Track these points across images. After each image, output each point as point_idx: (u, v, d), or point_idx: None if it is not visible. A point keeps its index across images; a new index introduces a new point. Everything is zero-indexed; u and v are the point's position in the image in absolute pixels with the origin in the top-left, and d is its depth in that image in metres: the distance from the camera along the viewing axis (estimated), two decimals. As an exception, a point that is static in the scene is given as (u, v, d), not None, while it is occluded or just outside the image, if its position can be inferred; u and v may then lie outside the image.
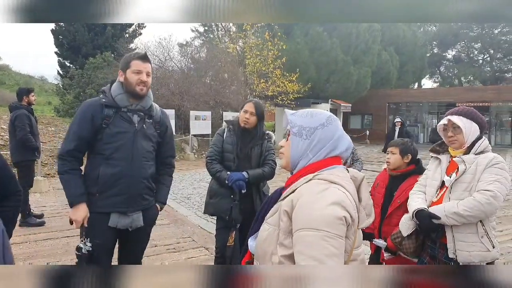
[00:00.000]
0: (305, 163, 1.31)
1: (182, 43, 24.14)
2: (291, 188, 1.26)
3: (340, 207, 1.13)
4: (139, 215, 2.40)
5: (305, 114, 1.36)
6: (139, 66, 2.31)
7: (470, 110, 2.32)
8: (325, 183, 1.20)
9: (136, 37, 23.00)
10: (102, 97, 2.35)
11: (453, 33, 38.31)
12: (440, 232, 2.26)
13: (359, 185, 1.30)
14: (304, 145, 1.31)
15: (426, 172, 2.52)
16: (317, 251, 1.08)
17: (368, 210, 1.29)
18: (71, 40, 20.68)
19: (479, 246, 2.17)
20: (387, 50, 25.73)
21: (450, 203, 2.20)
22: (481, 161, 2.20)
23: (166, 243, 4.75)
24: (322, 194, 1.16)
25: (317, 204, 1.14)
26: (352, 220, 1.16)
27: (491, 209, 2.12)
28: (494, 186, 2.11)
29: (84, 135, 2.29)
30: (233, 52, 19.81)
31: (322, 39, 21.17)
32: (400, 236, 2.43)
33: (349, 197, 1.18)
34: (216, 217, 3.19)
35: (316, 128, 1.31)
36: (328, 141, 1.30)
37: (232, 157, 3.05)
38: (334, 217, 1.11)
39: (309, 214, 1.13)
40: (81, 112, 2.32)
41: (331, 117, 1.35)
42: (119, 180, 2.30)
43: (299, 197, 1.18)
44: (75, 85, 18.32)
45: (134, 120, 2.36)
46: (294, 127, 1.35)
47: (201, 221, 5.77)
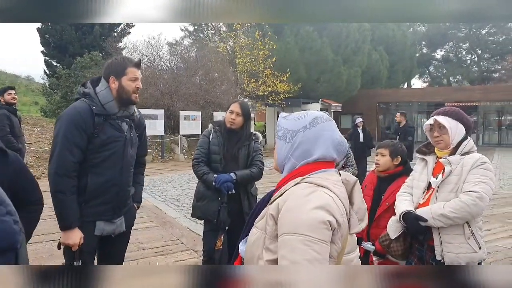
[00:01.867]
0: (291, 166, 1.29)
1: (172, 42, 24.01)
2: (280, 191, 1.25)
3: (324, 211, 1.11)
4: (122, 221, 2.36)
5: (293, 117, 1.34)
6: (136, 73, 2.26)
7: (456, 111, 2.32)
8: (312, 187, 1.18)
9: (125, 36, 22.80)
10: (90, 103, 2.19)
11: (441, 34, 38.80)
12: (428, 234, 2.26)
13: (351, 189, 1.27)
14: (287, 149, 1.30)
15: (413, 174, 2.52)
16: (298, 255, 1.06)
17: (361, 215, 1.26)
18: (58, 39, 20.39)
19: (466, 247, 2.17)
20: (377, 50, 25.92)
21: (437, 205, 2.20)
22: (466, 162, 2.20)
23: (154, 246, 4.69)
24: (307, 198, 1.14)
25: (302, 208, 1.12)
26: (338, 225, 1.13)
27: (477, 210, 2.13)
28: (479, 187, 2.12)
29: (81, 145, 2.14)
30: (223, 51, 19.75)
31: (312, 38, 21.21)
32: (388, 238, 2.42)
33: (336, 201, 1.16)
34: (204, 220, 3.15)
35: (298, 131, 1.29)
36: (308, 145, 1.27)
37: (219, 158, 3.01)
38: (317, 221, 1.09)
39: (293, 218, 1.11)
40: (73, 120, 2.14)
41: (317, 119, 1.30)
42: (107, 190, 2.23)
43: (285, 201, 1.17)
44: (62, 85, 18.05)
45: (123, 128, 2.29)
46: (280, 131, 1.35)
47: (190, 223, 5.71)
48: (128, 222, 2.44)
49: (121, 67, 2.24)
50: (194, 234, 5.18)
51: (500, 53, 37.85)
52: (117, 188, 2.27)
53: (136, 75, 2.26)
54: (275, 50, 18.76)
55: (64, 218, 2.12)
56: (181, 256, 4.37)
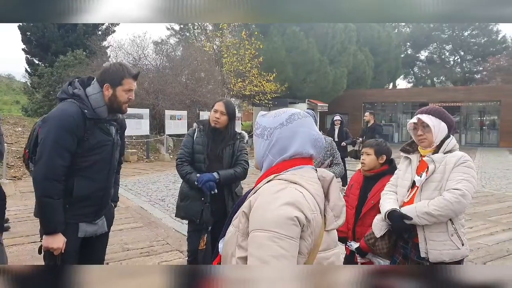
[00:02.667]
0: (268, 163, 1.29)
1: (157, 41, 23.76)
2: (255, 189, 1.25)
3: (293, 208, 1.10)
4: (103, 221, 2.35)
5: (270, 115, 1.34)
6: (132, 85, 2.21)
7: (439, 109, 2.34)
8: (283, 184, 1.18)
9: (109, 35, 22.50)
10: (81, 105, 2.13)
11: (425, 35, 39.45)
12: (412, 232, 2.28)
13: (328, 186, 1.26)
14: (265, 146, 1.30)
15: (397, 172, 2.54)
16: (264, 252, 1.06)
17: (337, 212, 1.24)
18: (40, 37, 19.97)
19: (449, 244, 2.20)
20: (363, 51, 26.17)
21: (421, 203, 2.22)
22: (449, 160, 2.23)
23: (139, 246, 4.62)
24: (277, 195, 1.13)
25: (271, 204, 1.11)
26: (308, 221, 1.12)
27: (460, 208, 2.16)
28: (462, 185, 2.15)
29: (71, 149, 2.09)
30: (210, 50, 19.66)
31: (298, 38, 21.30)
32: (373, 237, 2.44)
33: (306, 197, 1.15)
34: (188, 220, 3.12)
35: (275, 128, 1.29)
36: (285, 141, 1.27)
37: (203, 158, 2.98)
38: (285, 217, 1.08)
39: (261, 215, 1.11)
40: (64, 123, 2.07)
41: (294, 116, 1.30)
42: (93, 193, 2.21)
43: (257, 198, 1.17)
44: (44, 84, 17.70)
45: (112, 131, 2.27)
46: (258, 129, 1.34)
47: (175, 223, 5.65)
48: (109, 222, 2.43)
49: (119, 77, 2.17)
50: (180, 234, 5.13)
51: (482, 54, 38.69)
52: (103, 191, 2.27)
53: (132, 87, 2.22)
54: (261, 49, 18.77)
55: (49, 222, 2.08)
56: (166, 257, 4.32)
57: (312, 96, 22.72)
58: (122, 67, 2.23)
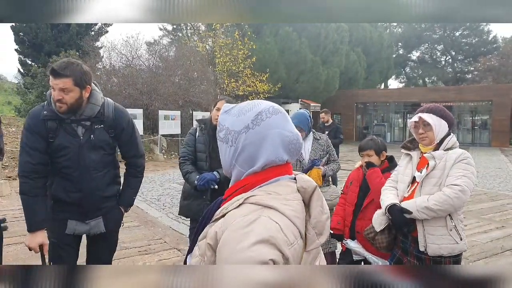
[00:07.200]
0: (237, 174, 1.08)
1: (150, 42, 23.66)
2: (221, 210, 1.05)
3: (268, 247, 0.91)
4: (98, 222, 2.33)
5: (235, 112, 1.10)
6: (52, 82, 2.06)
7: (439, 108, 2.39)
8: (256, 211, 0.97)
9: (102, 35, 22.35)
10: (45, 106, 2.15)
11: (417, 35, 39.77)
12: (412, 226, 2.32)
13: (309, 198, 1.06)
14: (230, 154, 1.07)
15: (398, 168, 2.58)
16: None
17: (320, 228, 1.06)
18: (33, 37, 19.79)
19: (448, 238, 2.24)
20: (355, 51, 26.32)
21: (421, 198, 2.26)
22: (449, 156, 2.27)
23: (137, 245, 4.64)
24: (248, 229, 0.93)
25: (240, 244, 0.91)
26: (286, 259, 0.94)
27: (460, 203, 2.20)
28: (462, 181, 2.19)
29: (39, 147, 2.13)
30: (203, 51, 19.63)
31: (291, 39, 21.36)
32: (373, 231, 2.47)
33: (283, 228, 0.96)
34: (190, 218, 3.18)
35: (239, 133, 1.06)
36: (252, 148, 1.05)
37: (205, 156, 3.02)
38: (258, 261, 0.88)
39: (230, 257, 0.91)
40: (27, 124, 2.16)
41: (261, 115, 1.06)
42: (70, 194, 2.23)
43: (224, 230, 0.97)
44: (37, 84, 17.56)
45: (79, 132, 2.19)
46: (221, 131, 1.10)
47: (172, 222, 5.67)
48: (111, 223, 2.40)
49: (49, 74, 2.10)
50: (177, 233, 5.16)
51: (473, 54, 39.12)
52: (80, 193, 2.22)
53: (52, 85, 2.06)
54: (254, 50, 18.79)
55: (27, 220, 2.16)
56: (164, 255, 4.34)
57: (304, 96, 22.80)
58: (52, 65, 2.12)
